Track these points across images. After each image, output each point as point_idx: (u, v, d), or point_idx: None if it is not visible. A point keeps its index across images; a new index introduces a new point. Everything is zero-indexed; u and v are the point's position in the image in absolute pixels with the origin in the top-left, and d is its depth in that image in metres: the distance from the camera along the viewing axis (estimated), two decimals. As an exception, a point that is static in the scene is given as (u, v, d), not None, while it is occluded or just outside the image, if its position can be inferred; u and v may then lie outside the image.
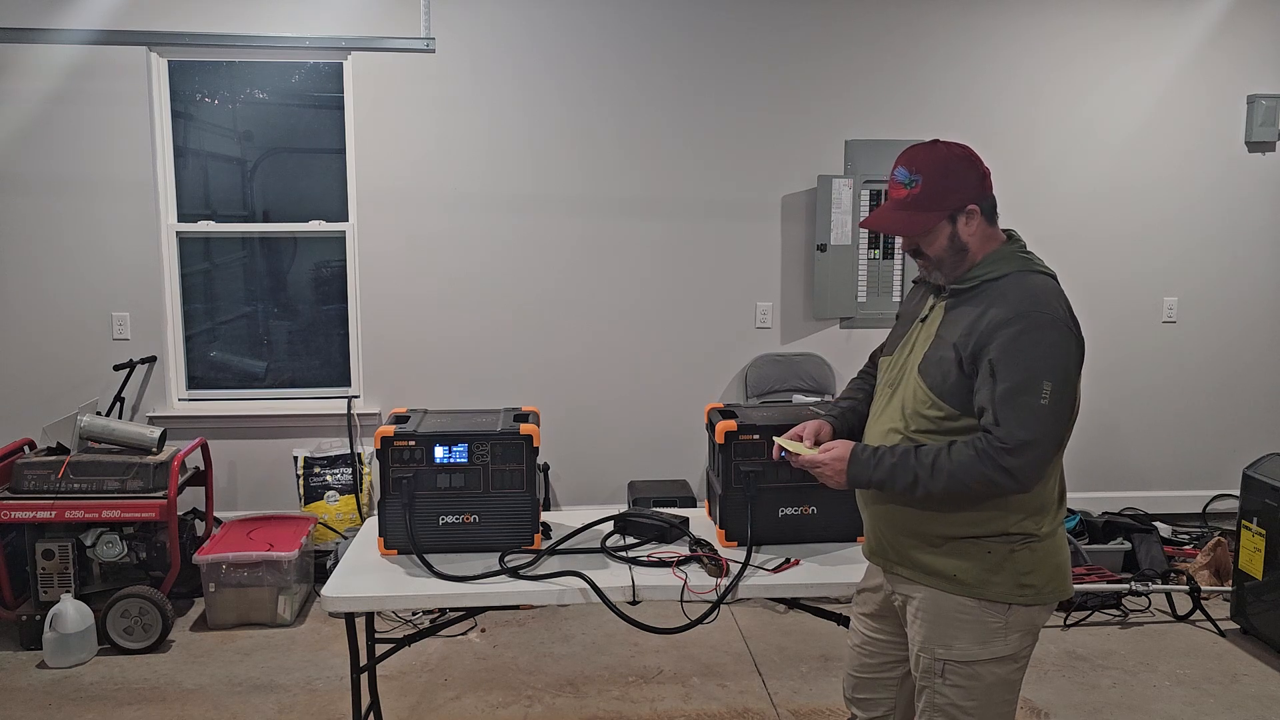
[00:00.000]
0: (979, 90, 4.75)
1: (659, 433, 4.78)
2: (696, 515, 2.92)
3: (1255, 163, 4.92)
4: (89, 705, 3.36)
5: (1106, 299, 4.92)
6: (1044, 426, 1.81)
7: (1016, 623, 1.94)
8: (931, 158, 1.94)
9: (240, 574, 3.90)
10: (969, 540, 1.93)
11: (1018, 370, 1.81)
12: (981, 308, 1.89)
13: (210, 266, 4.74)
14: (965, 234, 1.93)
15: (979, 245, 1.95)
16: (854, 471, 1.97)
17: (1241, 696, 3.43)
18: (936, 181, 1.92)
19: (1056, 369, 1.81)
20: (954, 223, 1.93)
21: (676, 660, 3.70)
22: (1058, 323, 1.84)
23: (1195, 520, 5.03)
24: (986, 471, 1.82)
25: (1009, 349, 1.81)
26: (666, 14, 4.60)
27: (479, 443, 2.61)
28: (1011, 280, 1.90)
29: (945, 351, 1.91)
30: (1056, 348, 1.82)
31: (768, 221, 4.75)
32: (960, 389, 1.89)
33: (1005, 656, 1.94)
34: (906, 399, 1.99)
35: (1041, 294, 1.87)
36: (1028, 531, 1.92)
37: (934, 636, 1.97)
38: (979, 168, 1.96)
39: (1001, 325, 1.83)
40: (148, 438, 3.91)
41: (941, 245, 1.94)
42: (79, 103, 4.36)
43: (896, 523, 2.02)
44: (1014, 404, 1.80)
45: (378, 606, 2.55)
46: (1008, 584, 1.92)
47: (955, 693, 1.96)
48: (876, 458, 1.94)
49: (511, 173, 4.61)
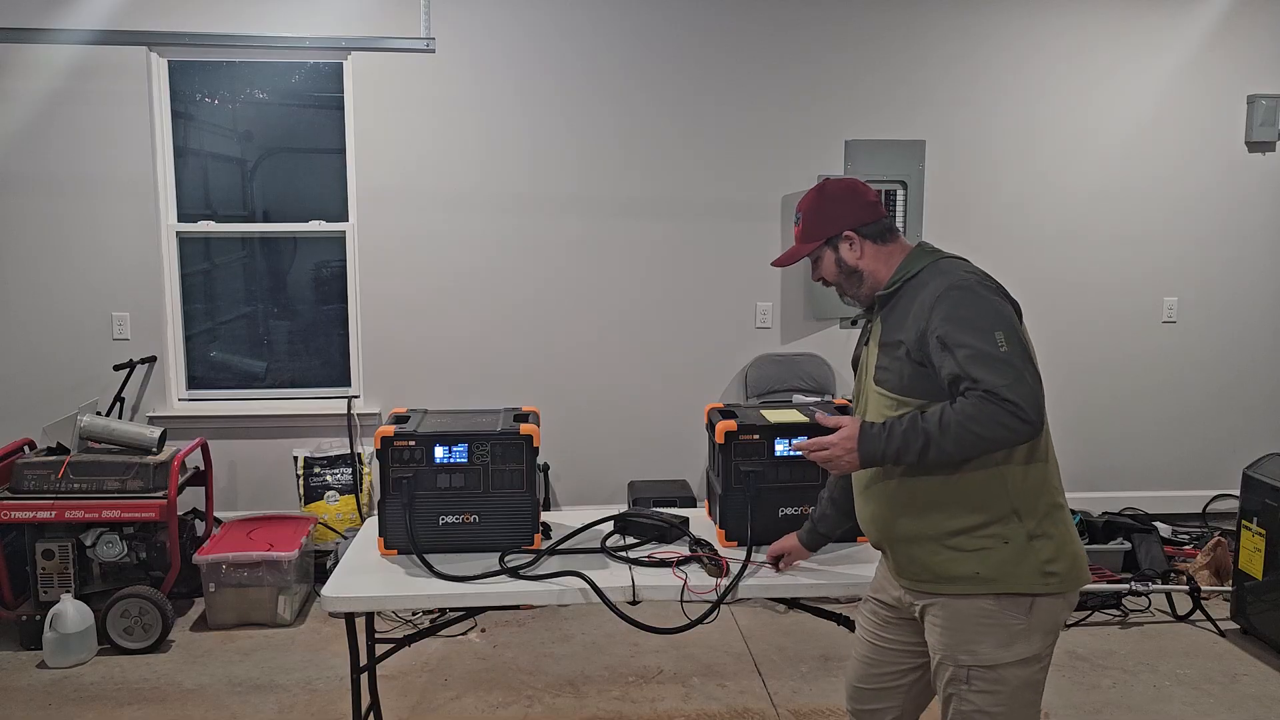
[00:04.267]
0: (979, 90, 4.75)
1: (659, 433, 4.78)
2: (696, 515, 2.92)
3: (1255, 163, 4.92)
4: (89, 705, 3.36)
5: (1106, 299, 4.92)
6: (1018, 366, 1.85)
7: (1039, 622, 1.93)
8: (808, 197, 2.17)
9: (240, 574, 3.90)
10: (979, 530, 1.92)
11: (966, 333, 1.86)
12: (910, 302, 1.99)
13: (210, 266, 4.74)
14: (851, 258, 2.11)
15: (874, 264, 2.10)
16: (866, 448, 1.94)
17: (1241, 696, 3.42)
18: (811, 216, 2.15)
19: (1000, 318, 1.89)
20: (835, 249, 2.12)
21: (676, 660, 3.70)
22: (978, 284, 1.93)
23: (1195, 520, 5.03)
24: (993, 412, 1.81)
25: (950, 319, 1.89)
26: (666, 14, 4.60)
27: (479, 443, 2.61)
28: (927, 270, 2.02)
29: (893, 352, 1.99)
30: (988, 302, 1.91)
31: (768, 221, 4.75)
32: (918, 377, 1.95)
33: (1029, 658, 1.94)
34: (871, 413, 2.05)
35: (956, 268, 1.99)
36: (1033, 508, 1.92)
37: (956, 644, 1.96)
38: (858, 199, 2.13)
39: (933, 305, 1.92)
40: (148, 438, 3.91)
41: (831, 270, 2.14)
42: (79, 103, 4.36)
43: (904, 531, 2.00)
44: (982, 362, 1.84)
45: (378, 606, 2.55)
46: (1032, 573, 1.91)
47: (982, 699, 1.95)
48: (886, 430, 1.93)
49: (512, 172, 4.61)
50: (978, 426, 1.83)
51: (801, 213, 2.16)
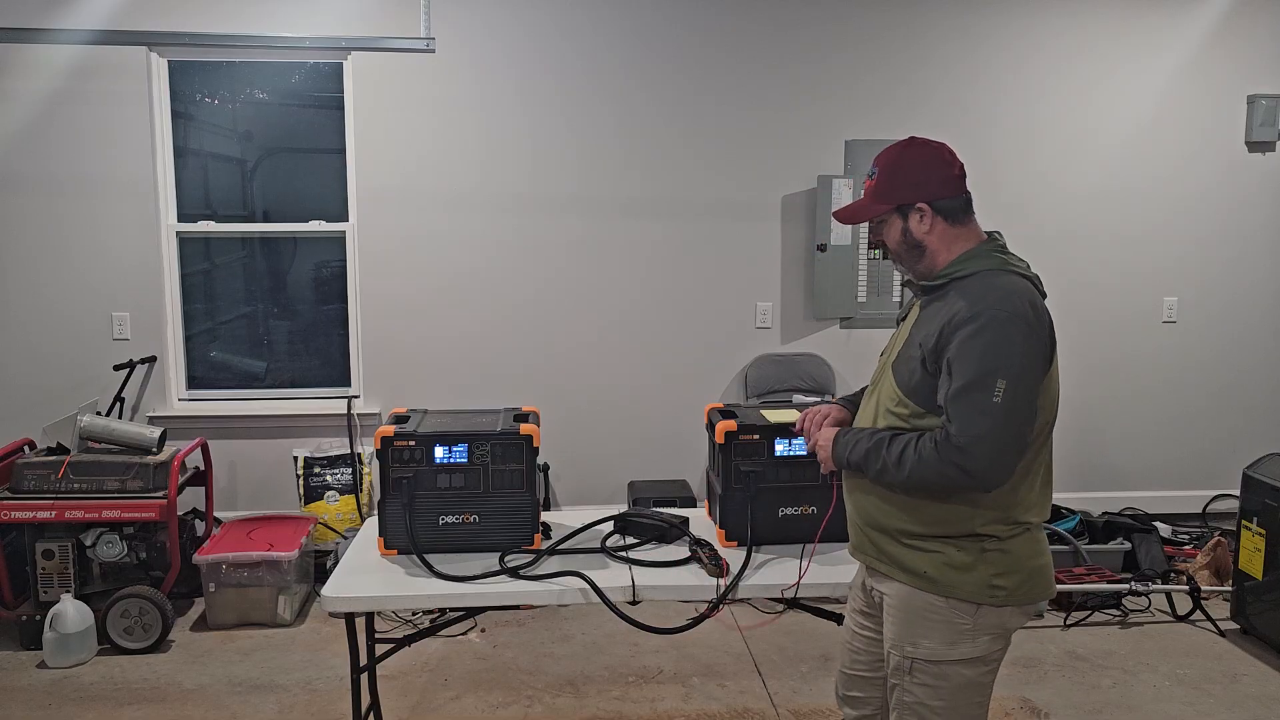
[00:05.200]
0: (979, 90, 4.75)
1: (659, 433, 4.78)
2: (696, 515, 2.92)
3: (1255, 163, 4.92)
4: (89, 705, 3.36)
5: (1106, 299, 4.92)
6: (996, 423, 1.79)
7: (985, 625, 1.93)
8: (890, 154, 2.00)
9: (240, 574, 3.90)
10: (936, 539, 1.93)
11: (971, 367, 1.81)
12: (947, 307, 1.90)
13: (210, 266, 4.74)
14: (918, 231, 1.96)
15: (940, 245, 1.96)
16: (836, 452, 2.05)
17: (1241, 696, 3.43)
18: (887, 176, 1.99)
19: (1013, 367, 1.80)
20: (905, 218, 1.97)
21: (676, 660, 3.70)
22: (1017, 319, 1.81)
23: (1195, 520, 5.03)
24: (943, 468, 1.83)
25: (964, 346, 1.82)
26: (666, 14, 4.60)
27: (479, 443, 2.61)
28: (978, 279, 1.90)
29: (912, 350, 1.95)
30: (1013, 345, 1.81)
31: (768, 221, 4.75)
32: (924, 387, 1.92)
33: (974, 658, 1.94)
34: (882, 396, 2.03)
35: (1006, 292, 1.85)
36: (996, 534, 1.91)
37: (904, 634, 1.98)
38: (944, 170, 1.98)
39: (961, 323, 1.84)
40: (148, 438, 3.91)
41: (895, 238, 2.00)
42: (79, 103, 4.36)
43: (870, 517, 2.04)
44: (965, 401, 1.81)
45: (378, 606, 2.55)
46: (978, 584, 1.91)
47: (923, 691, 1.96)
48: (854, 441, 2.00)
49: (512, 172, 4.61)
50: (927, 473, 1.86)
51: (879, 168, 2.00)
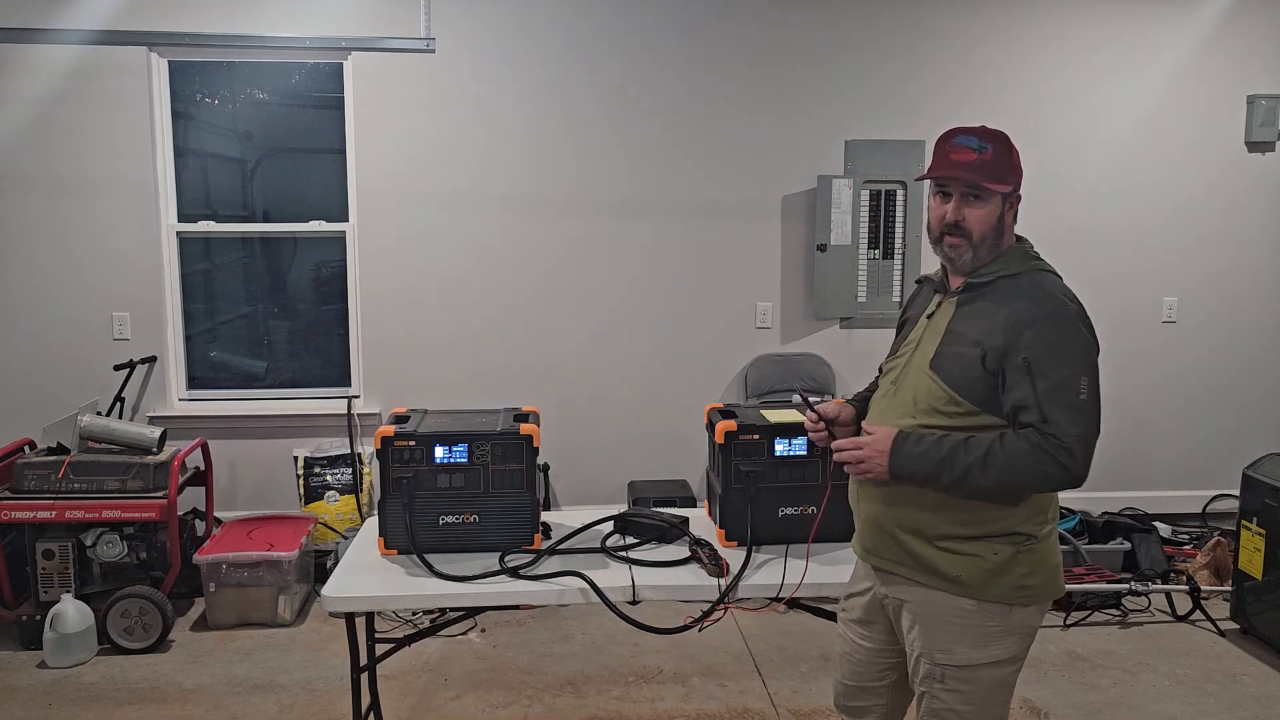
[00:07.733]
0: (979, 90, 4.75)
1: (659, 433, 4.78)
2: (696, 515, 2.92)
3: (1255, 163, 4.92)
4: (89, 705, 3.36)
5: (1107, 298, 4.91)
6: (1088, 420, 1.85)
7: (1015, 625, 1.94)
8: (999, 135, 1.96)
9: (240, 574, 3.90)
10: (975, 540, 1.92)
11: (1058, 368, 1.83)
12: (1001, 305, 1.90)
13: (210, 266, 4.74)
14: (1008, 219, 1.97)
15: (1008, 239, 1.99)
16: (898, 462, 1.92)
17: (1241, 696, 3.43)
18: (1003, 157, 1.94)
19: (1089, 365, 1.87)
20: (1004, 203, 1.95)
21: (676, 660, 3.70)
22: (1082, 317, 1.90)
23: (1195, 520, 5.03)
24: (1044, 468, 1.83)
25: (1044, 347, 1.84)
26: (666, 14, 4.60)
27: (479, 443, 2.61)
28: (1028, 279, 1.93)
29: (964, 348, 1.91)
30: (1086, 344, 1.88)
31: (768, 221, 4.75)
32: (982, 385, 1.89)
33: (1004, 659, 1.95)
34: (918, 395, 1.96)
35: (1062, 293, 1.92)
36: (1031, 532, 1.93)
37: (933, 642, 1.97)
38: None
39: (1030, 323, 1.85)
40: (148, 438, 3.91)
41: (988, 221, 1.93)
42: (79, 103, 4.36)
43: (902, 521, 1.98)
44: (1059, 401, 1.83)
45: (378, 606, 2.55)
46: (1009, 585, 1.92)
47: (953, 697, 1.96)
48: (920, 449, 1.90)
49: (512, 172, 4.61)
50: (1024, 473, 1.84)
51: (991, 145, 1.93)
